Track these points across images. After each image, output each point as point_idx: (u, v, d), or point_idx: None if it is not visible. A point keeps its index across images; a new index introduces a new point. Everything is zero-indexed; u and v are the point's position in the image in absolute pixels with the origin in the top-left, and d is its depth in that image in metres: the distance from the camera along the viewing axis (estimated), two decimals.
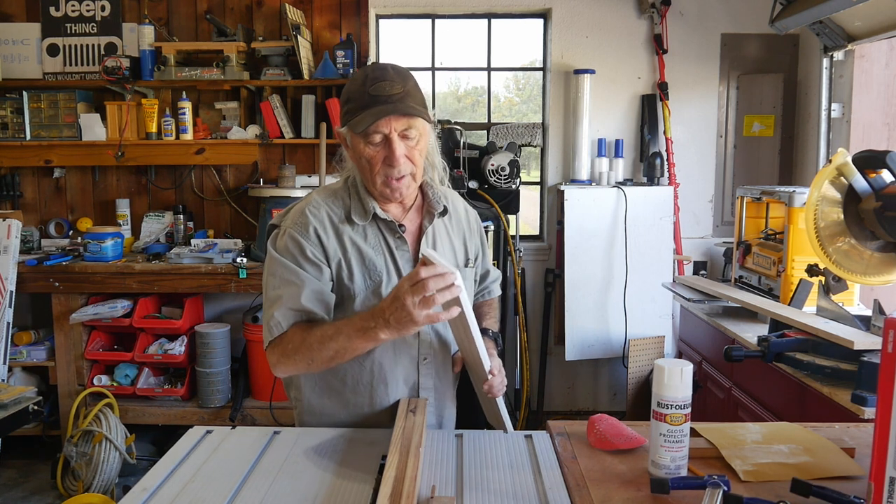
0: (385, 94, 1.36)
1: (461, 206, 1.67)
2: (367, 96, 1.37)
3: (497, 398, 1.51)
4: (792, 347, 2.06)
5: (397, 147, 1.38)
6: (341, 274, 1.45)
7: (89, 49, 3.78)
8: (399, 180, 1.41)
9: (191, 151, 3.66)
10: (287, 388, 1.60)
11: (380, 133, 1.37)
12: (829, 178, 2.05)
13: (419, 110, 1.38)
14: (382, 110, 1.35)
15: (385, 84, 1.37)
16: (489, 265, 1.77)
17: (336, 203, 1.49)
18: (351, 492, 1.19)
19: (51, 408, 3.51)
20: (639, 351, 3.70)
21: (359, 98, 1.38)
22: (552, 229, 3.96)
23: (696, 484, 1.10)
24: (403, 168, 1.40)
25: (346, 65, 3.57)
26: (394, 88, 1.37)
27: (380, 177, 1.42)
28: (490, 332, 1.65)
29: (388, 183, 1.42)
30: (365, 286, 1.45)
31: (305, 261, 1.42)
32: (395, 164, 1.38)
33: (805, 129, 3.80)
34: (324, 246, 1.44)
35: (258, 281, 3.36)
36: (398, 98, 1.36)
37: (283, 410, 3.45)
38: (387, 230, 1.49)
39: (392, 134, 1.37)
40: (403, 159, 1.39)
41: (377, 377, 1.49)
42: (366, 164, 1.42)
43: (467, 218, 1.66)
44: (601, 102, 3.87)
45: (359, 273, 1.45)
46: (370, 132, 1.37)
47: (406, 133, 1.39)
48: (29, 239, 3.75)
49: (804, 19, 3.00)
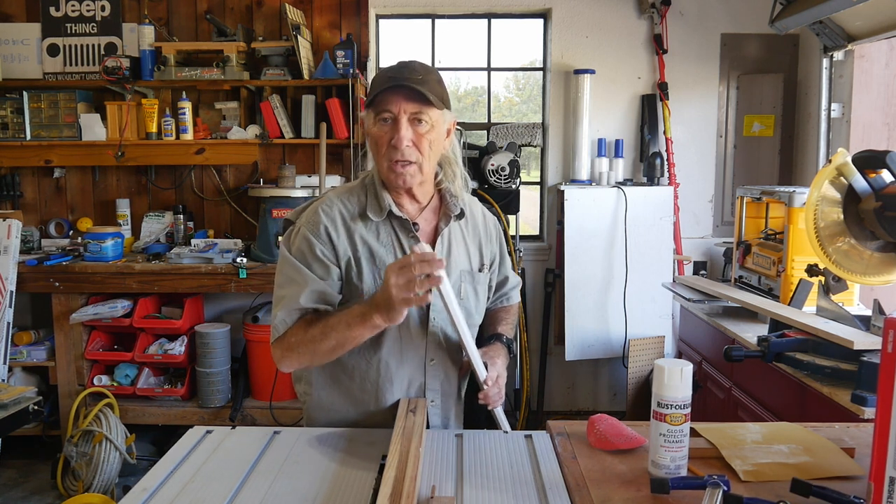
0: (402, 76, 1.38)
1: (479, 211, 1.66)
2: (386, 78, 1.40)
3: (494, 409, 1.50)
4: (792, 347, 2.06)
5: (402, 127, 1.39)
6: (350, 273, 1.45)
7: (89, 49, 3.78)
8: (404, 166, 1.41)
9: (191, 151, 3.66)
10: (296, 382, 1.61)
11: (389, 112, 1.39)
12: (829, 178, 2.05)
13: (431, 97, 1.39)
14: (395, 88, 1.38)
15: (406, 70, 1.40)
16: (508, 271, 1.74)
17: (350, 200, 1.50)
18: (351, 492, 1.19)
19: (51, 408, 3.51)
20: (639, 351, 3.70)
21: (379, 80, 1.42)
22: (552, 229, 3.96)
23: (696, 484, 1.10)
24: (407, 153, 1.40)
25: (346, 65, 3.57)
26: (413, 74, 1.39)
27: (385, 159, 1.43)
28: (504, 338, 1.64)
29: (392, 167, 1.42)
30: (374, 284, 1.45)
31: (314, 259, 1.43)
32: (398, 145, 1.39)
33: (805, 129, 3.80)
34: (334, 244, 1.44)
35: (258, 281, 3.36)
36: (414, 81, 1.38)
37: (283, 410, 3.45)
38: (400, 229, 1.49)
39: (401, 115, 1.39)
40: (408, 143, 1.40)
41: (384, 376, 1.49)
42: (373, 146, 1.44)
43: (485, 223, 1.65)
44: (601, 102, 3.87)
45: (368, 271, 1.45)
46: (381, 109, 1.39)
47: (417, 117, 1.40)
48: (29, 239, 3.75)
49: (804, 19, 3.00)
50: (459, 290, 1.53)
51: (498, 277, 1.72)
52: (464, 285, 1.54)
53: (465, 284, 1.54)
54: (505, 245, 1.73)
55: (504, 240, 1.73)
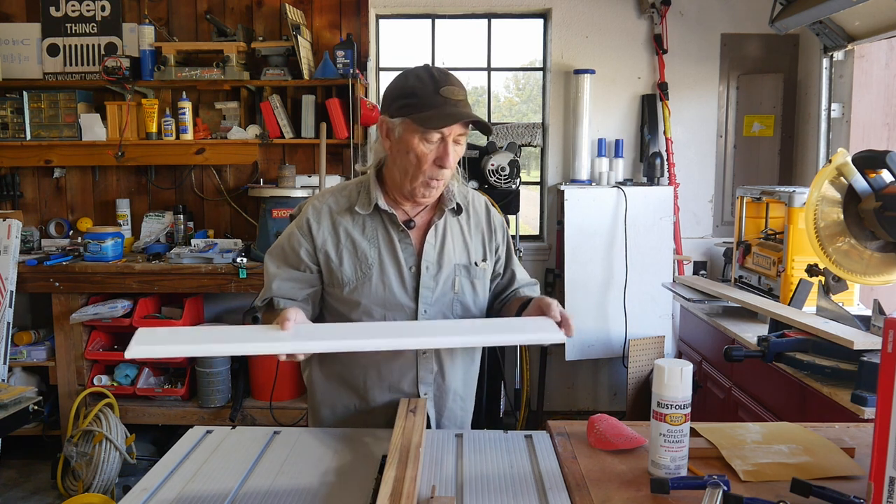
0: (454, 99, 1.41)
1: (482, 207, 1.67)
2: (437, 97, 1.40)
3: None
4: (792, 347, 2.06)
5: (451, 150, 1.43)
6: (330, 263, 1.51)
7: (89, 49, 3.78)
8: (438, 181, 1.46)
9: (191, 151, 3.66)
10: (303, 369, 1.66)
11: (440, 134, 1.41)
12: (829, 178, 2.05)
13: (482, 121, 1.43)
14: (456, 114, 1.40)
15: (454, 89, 1.42)
16: (516, 268, 1.72)
17: (341, 196, 1.56)
18: (351, 492, 1.19)
19: (51, 408, 3.51)
20: (639, 351, 3.70)
21: (426, 96, 1.40)
22: (552, 229, 3.96)
23: (696, 484, 1.10)
24: (447, 172, 1.45)
25: (346, 65, 3.57)
26: (460, 94, 1.43)
27: (423, 175, 1.44)
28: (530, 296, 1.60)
29: (428, 183, 1.45)
30: (354, 277, 1.50)
31: (292, 251, 1.53)
32: (447, 166, 1.43)
33: (805, 129, 3.80)
34: (313, 236, 1.52)
35: (258, 281, 3.36)
36: (464, 105, 1.42)
37: (283, 410, 3.45)
38: (389, 223, 1.53)
39: (449, 137, 1.42)
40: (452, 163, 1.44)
41: (371, 364, 1.54)
42: (413, 160, 1.43)
43: (489, 219, 1.66)
44: (601, 102, 3.87)
45: (349, 263, 1.50)
46: (432, 128, 1.40)
47: (459, 139, 1.44)
48: (29, 239, 3.75)
49: (804, 19, 3.00)
50: (454, 283, 1.54)
51: (505, 274, 1.70)
52: (459, 279, 1.55)
53: (460, 278, 1.55)
54: (511, 243, 1.73)
55: (509, 238, 1.73)
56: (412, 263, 1.51)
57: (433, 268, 1.52)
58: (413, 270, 1.51)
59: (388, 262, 1.50)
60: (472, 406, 1.70)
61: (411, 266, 1.51)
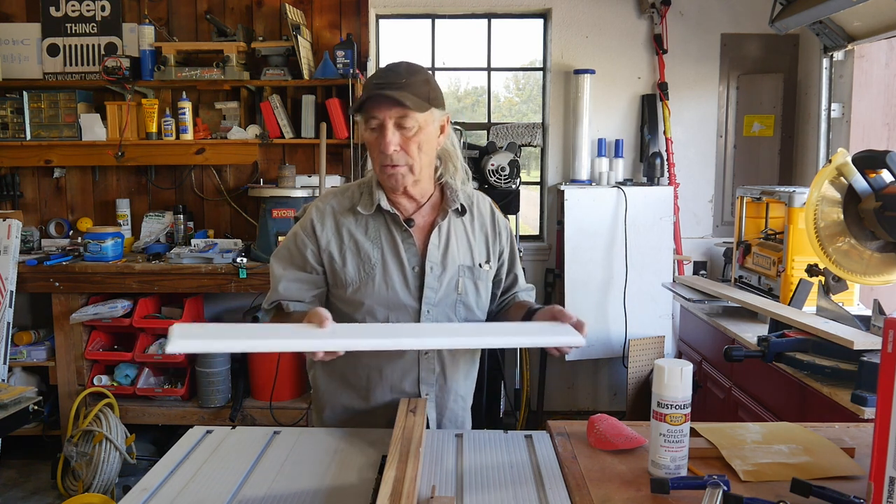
0: (385, 83, 1.41)
1: (487, 209, 1.67)
2: (371, 84, 1.43)
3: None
4: (792, 347, 2.06)
5: (388, 133, 1.42)
6: (333, 263, 1.52)
7: (89, 49, 3.78)
8: (394, 168, 1.45)
9: (191, 151, 3.66)
10: (308, 368, 1.69)
11: (375, 119, 1.43)
12: (829, 178, 2.05)
13: (409, 102, 1.39)
14: (375, 97, 1.40)
15: (391, 74, 1.43)
16: (518, 272, 1.72)
17: (345, 197, 1.56)
18: (351, 492, 1.19)
19: (51, 408, 3.51)
20: (639, 351, 3.70)
21: (366, 88, 1.45)
22: (552, 229, 3.96)
23: (696, 484, 1.10)
24: (395, 157, 1.44)
25: (346, 65, 3.57)
26: (397, 79, 1.41)
27: (378, 163, 1.48)
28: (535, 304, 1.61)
29: (384, 170, 1.47)
30: (357, 277, 1.50)
31: (297, 252, 1.54)
32: (385, 150, 1.43)
33: (805, 129, 3.80)
34: (317, 236, 1.52)
35: (258, 281, 3.36)
36: (395, 87, 1.40)
37: (283, 410, 3.45)
38: (392, 223, 1.53)
39: (386, 121, 1.42)
40: (395, 147, 1.43)
41: (373, 363, 1.54)
42: (370, 150, 1.49)
43: (493, 222, 1.66)
44: (601, 102, 3.87)
45: (352, 264, 1.51)
46: (368, 116, 1.43)
47: (401, 122, 1.42)
48: (29, 239, 3.75)
49: (804, 19, 3.00)
50: (458, 284, 1.54)
51: (507, 278, 1.70)
52: (462, 280, 1.55)
53: (464, 279, 1.55)
54: (516, 247, 1.73)
55: (514, 242, 1.73)
56: (415, 263, 1.51)
57: (437, 268, 1.52)
58: (416, 270, 1.51)
59: (391, 263, 1.50)
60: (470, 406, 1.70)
61: (414, 266, 1.51)
